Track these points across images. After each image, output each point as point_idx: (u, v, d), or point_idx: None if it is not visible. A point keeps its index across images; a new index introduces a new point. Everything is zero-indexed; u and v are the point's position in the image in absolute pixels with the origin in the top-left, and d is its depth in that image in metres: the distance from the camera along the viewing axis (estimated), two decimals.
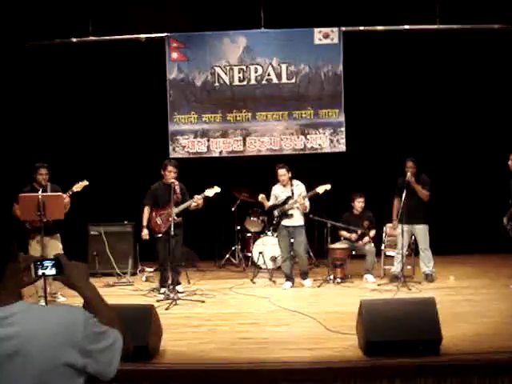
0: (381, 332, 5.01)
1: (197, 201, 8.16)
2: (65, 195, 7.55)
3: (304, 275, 8.84)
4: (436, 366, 4.86)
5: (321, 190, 8.68)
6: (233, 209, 10.53)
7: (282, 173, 8.75)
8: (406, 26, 9.93)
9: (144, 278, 9.50)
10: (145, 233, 8.35)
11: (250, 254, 10.25)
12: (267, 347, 5.51)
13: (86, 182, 7.85)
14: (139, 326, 5.00)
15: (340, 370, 4.86)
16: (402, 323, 5.06)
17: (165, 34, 10.22)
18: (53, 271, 2.09)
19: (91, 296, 2.09)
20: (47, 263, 2.08)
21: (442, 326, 5.09)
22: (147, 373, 4.89)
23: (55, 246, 7.69)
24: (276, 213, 8.84)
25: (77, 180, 7.85)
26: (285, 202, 8.76)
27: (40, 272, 2.08)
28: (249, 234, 10.53)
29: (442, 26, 9.76)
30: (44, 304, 6.86)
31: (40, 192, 7.30)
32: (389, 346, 4.97)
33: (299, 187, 8.83)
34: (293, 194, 8.75)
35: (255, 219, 10.35)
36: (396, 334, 4.99)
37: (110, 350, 1.92)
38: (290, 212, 8.73)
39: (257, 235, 10.27)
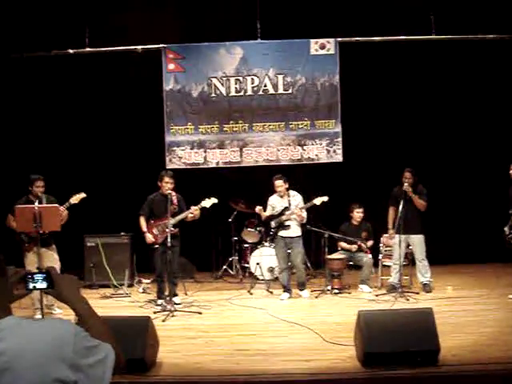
0: (379, 343, 4.99)
1: (193, 212, 8.15)
2: (62, 208, 7.53)
3: (301, 286, 8.82)
4: (434, 376, 4.84)
5: (318, 201, 8.68)
6: (230, 219, 10.51)
7: (279, 184, 8.75)
8: (402, 37, 9.96)
9: (141, 290, 9.45)
10: (148, 236, 8.28)
11: (247, 265, 10.23)
12: (265, 359, 5.48)
13: (83, 195, 7.82)
14: (136, 338, 4.98)
15: (338, 381, 4.84)
16: (400, 334, 5.05)
17: (161, 45, 10.21)
18: (44, 285, 2.06)
19: (82, 309, 2.06)
20: (38, 277, 2.06)
21: (439, 337, 5.08)
22: None
23: (52, 258, 7.67)
24: (273, 224, 8.83)
25: (73, 191, 7.82)
26: (282, 212, 8.76)
27: (31, 286, 2.06)
28: (246, 245, 10.51)
29: (437, 37, 9.79)
30: (40, 316, 6.84)
31: (36, 203, 7.27)
32: (387, 357, 4.95)
33: (296, 198, 8.83)
34: (290, 204, 8.75)
35: (252, 230, 10.33)
36: (394, 345, 4.97)
37: (102, 364, 1.88)
38: (286, 223, 8.73)
39: (254, 246, 10.25)
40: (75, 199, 7.75)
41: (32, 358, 1.76)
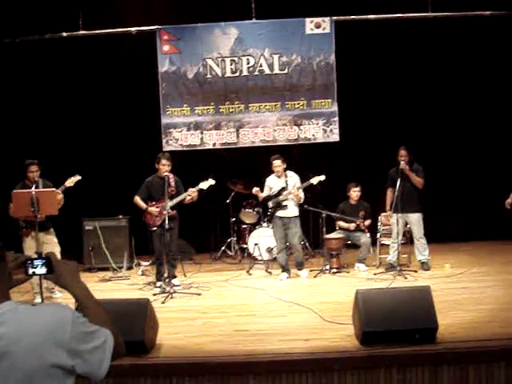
0: (377, 321, 5.01)
1: (191, 194, 8.13)
2: (58, 191, 7.51)
3: (300, 266, 8.85)
4: (432, 354, 4.87)
5: (315, 181, 8.68)
6: (227, 201, 10.50)
7: (277, 164, 8.74)
8: (398, 14, 9.90)
9: (140, 272, 9.47)
10: (152, 209, 8.17)
11: (245, 246, 10.24)
12: (264, 339, 5.51)
13: (78, 177, 7.82)
14: (135, 321, 5.00)
15: (337, 360, 4.87)
16: (398, 312, 5.07)
17: (156, 27, 10.15)
18: (43, 270, 2.06)
19: (81, 295, 2.06)
20: (37, 262, 2.06)
21: (437, 314, 5.10)
22: (144, 367, 4.89)
23: (51, 242, 7.67)
24: (270, 204, 8.84)
25: (70, 175, 7.81)
26: (279, 193, 8.75)
27: (30, 271, 2.06)
28: (244, 226, 10.51)
29: (433, 14, 9.74)
30: (40, 300, 6.86)
31: (33, 188, 7.25)
32: (385, 335, 4.98)
33: (293, 178, 8.82)
34: (287, 185, 8.74)
35: (250, 211, 10.32)
36: (392, 323, 5.00)
37: (100, 350, 1.88)
38: (284, 203, 8.72)
39: (252, 227, 10.25)
40: (70, 182, 7.74)
41: (29, 343, 1.76)
